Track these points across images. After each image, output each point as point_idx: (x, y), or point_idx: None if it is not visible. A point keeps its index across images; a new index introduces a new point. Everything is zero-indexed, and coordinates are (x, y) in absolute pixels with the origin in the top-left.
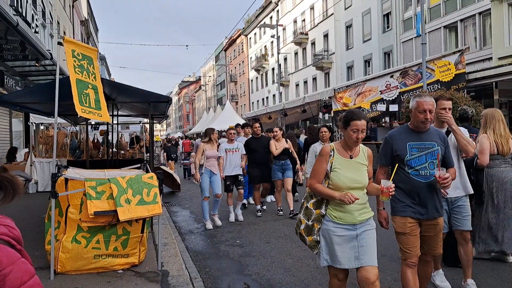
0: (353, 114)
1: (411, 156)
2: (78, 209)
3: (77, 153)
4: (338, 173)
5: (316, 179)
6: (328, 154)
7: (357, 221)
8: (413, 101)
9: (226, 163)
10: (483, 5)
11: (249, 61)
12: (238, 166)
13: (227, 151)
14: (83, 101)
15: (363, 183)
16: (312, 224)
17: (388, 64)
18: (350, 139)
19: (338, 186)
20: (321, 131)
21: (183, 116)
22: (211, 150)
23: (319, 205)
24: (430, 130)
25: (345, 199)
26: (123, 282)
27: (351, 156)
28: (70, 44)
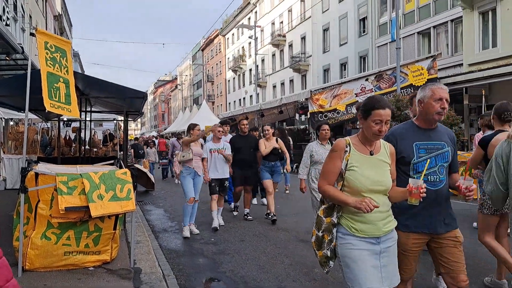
0: (375, 101)
1: (419, 158)
2: (49, 204)
3: (48, 150)
4: (356, 172)
5: (326, 180)
6: (343, 150)
7: (382, 232)
8: (425, 90)
9: (210, 164)
10: (455, 12)
11: (226, 61)
12: (224, 168)
13: (212, 151)
14: (52, 95)
15: (387, 185)
16: (322, 235)
17: (364, 68)
18: (371, 131)
19: (356, 189)
20: (322, 128)
21: (159, 115)
22: (195, 147)
23: (330, 211)
24: (439, 128)
25: (362, 207)
26: (94, 279)
27: (372, 152)
28: (43, 36)
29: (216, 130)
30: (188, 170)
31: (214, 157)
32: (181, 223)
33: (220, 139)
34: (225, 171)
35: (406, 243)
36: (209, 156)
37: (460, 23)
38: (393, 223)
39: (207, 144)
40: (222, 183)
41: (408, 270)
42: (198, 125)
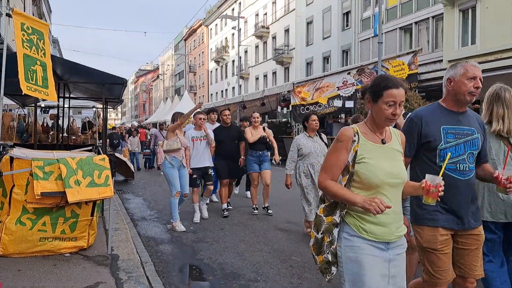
0: (387, 80)
1: (447, 144)
2: (24, 189)
3: (24, 136)
4: (369, 164)
5: (329, 174)
6: (351, 140)
7: (394, 237)
8: (456, 68)
9: (192, 153)
10: (436, 9)
11: (209, 52)
12: (206, 157)
13: (194, 139)
14: (29, 78)
15: (403, 177)
16: (322, 237)
17: (346, 62)
18: (383, 115)
19: (369, 184)
20: (311, 119)
21: (139, 105)
22: (182, 136)
23: (332, 210)
24: (468, 112)
25: (372, 208)
26: (70, 266)
27: (384, 141)
28: (19, 17)
29: (197, 118)
30: (175, 160)
31: (196, 146)
32: (160, 212)
33: (201, 126)
34: (206, 159)
35: (434, 240)
36: (191, 145)
37: (441, 20)
38: (404, 228)
39: (189, 132)
40: (205, 171)
41: (444, 272)
42: (183, 113)
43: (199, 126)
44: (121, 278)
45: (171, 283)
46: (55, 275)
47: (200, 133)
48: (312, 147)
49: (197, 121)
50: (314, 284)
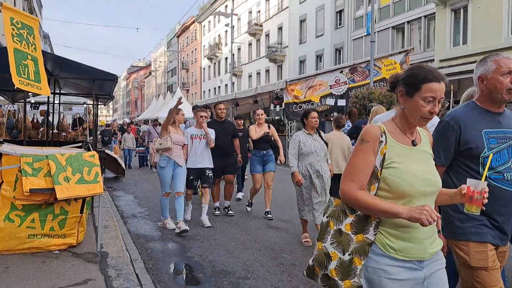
0: (426, 71)
1: (490, 150)
2: (13, 186)
3: (14, 132)
4: (399, 169)
5: (356, 182)
6: (377, 140)
7: (428, 254)
8: (486, 63)
9: (190, 152)
10: (428, 8)
11: (202, 49)
12: (206, 157)
13: (193, 137)
14: (21, 72)
15: (438, 185)
16: (350, 259)
17: (339, 60)
18: (419, 113)
19: (400, 193)
20: (311, 116)
21: (131, 102)
22: (176, 134)
23: (363, 226)
24: (506, 113)
25: (423, 218)
26: (59, 263)
27: (414, 142)
28: (8, 11)
29: (198, 116)
30: (166, 160)
31: (195, 145)
32: (151, 210)
33: (201, 125)
34: (206, 159)
35: (485, 257)
36: (190, 143)
37: (433, 19)
38: (439, 242)
39: (188, 130)
40: (203, 172)
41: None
42: (181, 109)
43: (199, 124)
44: (110, 276)
45: (161, 280)
46: (44, 272)
47: (200, 131)
48: (312, 145)
49: (197, 119)
50: (304, 282)
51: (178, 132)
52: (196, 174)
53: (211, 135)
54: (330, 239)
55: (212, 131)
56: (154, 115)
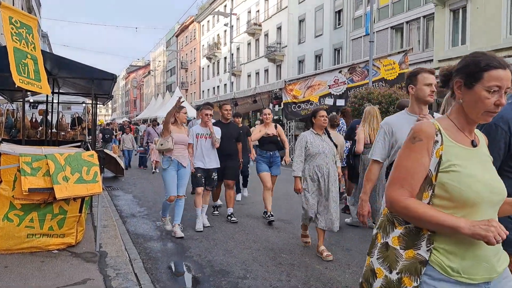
0: (489, 58)
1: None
2: (11, 185)
3: (12, 132)
4: (462, 174)
5: (406, 188)
6: (432, 139)
7: (495, 274)
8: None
9: (196, 152)
10: (427, 9)
11: (201, 48)
12: (212, 157)
13: (198, 136)
14: (21, 71)
15: (505, 193)
16: (399, 278)
17: (338, 60)
18: (482, 107)
19: (463, 202)
20: (320, 115)
21: (130, 101)
22: (178, 133)
23: (414, 239)
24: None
25: (489, 235)
26: (58, 262)
27: (474, 143)
28: (7, 10)
29: (203, 114)
30: (169, 161)
31: (200, 144)
32: (150, 209)
33: (207, 123)
34: (212, 159)
35: None
36: (195, 143)
37: (432, 19)
38: (506, 256)
39: (194, 129)
40: (209, 174)
41: None
42: (184, 107)
43: (205, 123)
44: (109, 275)
45: (160, 280)
46: (43, 272)
47: (206, 130)
48: (320, 146)
49: (202, 117)
50: (303, 282)
51: (181, 131)
52: (203, 174)
53: (217, 134)
54: (377, 253)
55: (218, 129)
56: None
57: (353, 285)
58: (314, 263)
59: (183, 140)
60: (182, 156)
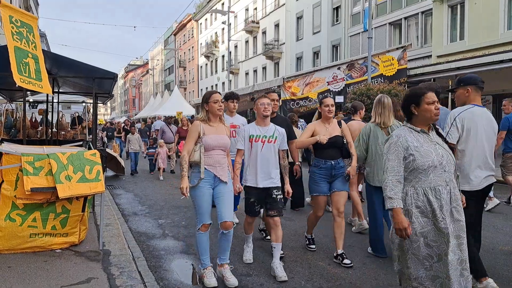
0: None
1: None
2: (13, 185)
3: (12, 132)
4: None
5: None
6: None
7: None
8: None
9: (250, 163)
10: (425, 4)
11: (199, 47)
12: (272, 169)
13: (253, 139)
14: (22, 71)
15: None
16: None
17: (336, 57)
18: None
19: None
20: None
21: (129, 100)
22: (215, 133)
23: None
24: None
25: None
26: (61, 262)
27: None
28: (7, 9)
29: (258, 104)
30: (200, 174)
31: (256, 151)
32: (151, 207)
33: (266, 118)
34: (273, 173)
35: None
36: (248, 149)
37: (430, 15)
38: None
39: (246, 128)
40: (269, 194)
41: None
42: (217, 92)
43: (264, 117)
44: (113, 274)
45: (164, 278)
46: (46, 271)
47: (265, 130)
48: (433, 153)
49: (258, 110)
50: (306, 278)
51: (219, 129)
52: (259, 196)
53: (282, 140)
54: None
55: (281, 131)
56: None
57: (357, 281)
58: (317, 259)
59: (223, 144)
60: (221, 166)
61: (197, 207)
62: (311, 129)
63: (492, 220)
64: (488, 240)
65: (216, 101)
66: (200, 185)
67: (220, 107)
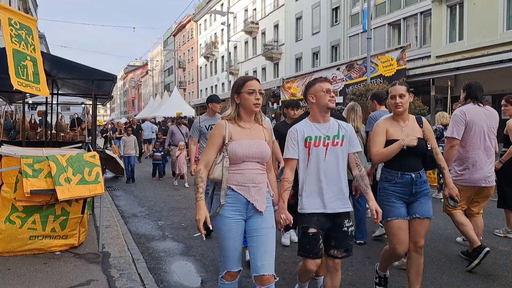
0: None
1: None
2: (13, 187)
3: (12, 133)
4: None
5: None
6: None
7: None
8: None
9: (307, 177)
10: (424, 5)
11: (198, 47)
12: (344, 185)
13: (311, 143)
14: (20, 73)
15: None
16: None
17: (335, 57)
18: None
19: None
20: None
21: (129, 101)
22: (247, 138)
23: None
24: None
25: None
26: (61, 264)
27: None
28: (6, 12)
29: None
30: (228, 195)
31: (317, 160)
32: (151, 209)
33: (328, 113)
34: (346, 192)
35: None
36: (304, 158)
37: (429, 15)
38: None
39: (298, 128)
40: (336, 224)
41: None
42: (254, 79)
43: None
44: (113, 276)
45: (163, 279)
46: (46, 274)
47: (326, 128)
48: None
49: (319, 98)
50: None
51: (253, 132)
52: (324, 225)
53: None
54: None
55: (349, 128)
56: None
57: (356, 282)
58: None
59: (259, 153)
60: (256, 187)
61: (220, 246)
62: (383, 130)
63: (492, 221)
64: (487, 240)
65: (252, 92)
66: (224, 214)
67: (257, 100)
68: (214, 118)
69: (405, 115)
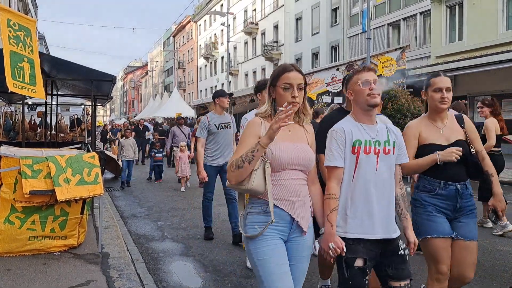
0: None
1: None
2: (12, 188)
3: (11, 134)
4: None
5: None
6: None
7: None
8: None
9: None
10: (424, 5)
11: (198, 48)
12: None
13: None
14: (16, 75)
15: None
16: None
17: (335, 58)
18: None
19: None
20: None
21: (128, 102)
22: (289, 141)
23: None
24: None
25: None
26: (61, 264)
27: None
28: (5, 13)
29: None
30: (260, 216)
31: (365, 171)
32: (150, 209)
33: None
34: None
35: None
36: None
37: (428, 16)
38: None
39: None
40: (393, 249)
41: None
42: (294, 70)
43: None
44: (112, 276)
45: (162, 280)
46: (45, 274)
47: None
48: None
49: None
50: (306, 280)
51: (294, 134)
52: (373, 254)
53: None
54: None
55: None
56: (151, 115)
57: None
58: (316, 260)
59: (303, 160)
60: (300, 201)
61: (260, 272)
62: (414, 134)
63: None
64: (487, 240)
65: (289, 87)
66: (267, 233)
67: (294, 98)
68: (224, 116)
69: (444, 113)
